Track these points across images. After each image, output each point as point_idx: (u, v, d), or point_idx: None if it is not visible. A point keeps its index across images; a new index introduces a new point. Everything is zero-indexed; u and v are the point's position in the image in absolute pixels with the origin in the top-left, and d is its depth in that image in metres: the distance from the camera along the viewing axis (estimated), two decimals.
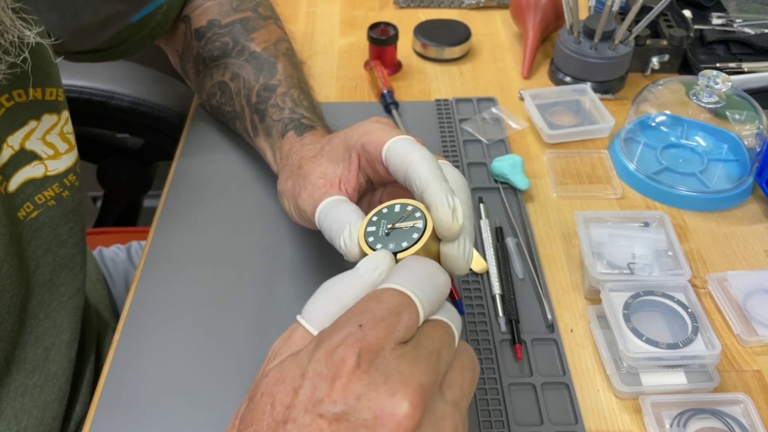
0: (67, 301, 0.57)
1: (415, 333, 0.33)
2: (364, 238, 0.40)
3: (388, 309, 0.32)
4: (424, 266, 0.36)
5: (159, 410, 0.51)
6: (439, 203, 0.38)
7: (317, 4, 0.97)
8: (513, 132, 0.75)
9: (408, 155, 0.41)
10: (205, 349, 0.54)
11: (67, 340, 0.58)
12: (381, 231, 0.39)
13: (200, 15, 0.67)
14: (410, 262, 0.36)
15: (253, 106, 0.62)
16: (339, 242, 0.42)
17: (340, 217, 0.43)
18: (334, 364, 0.31)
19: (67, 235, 0.56)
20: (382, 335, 0.31)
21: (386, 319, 0.32)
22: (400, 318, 0.32)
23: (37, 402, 0.54)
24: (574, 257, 0.62)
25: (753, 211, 0.67)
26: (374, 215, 0.41)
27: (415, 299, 0.33)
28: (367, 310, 0.32)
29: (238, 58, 0.65)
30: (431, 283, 0.35)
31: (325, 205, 0.46)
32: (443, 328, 0.34)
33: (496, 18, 0.94)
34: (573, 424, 0.50)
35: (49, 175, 0.54)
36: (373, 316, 0.32)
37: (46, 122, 0.53)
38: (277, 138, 0.59)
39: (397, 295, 0.33)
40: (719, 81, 0.67)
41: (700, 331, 0.53)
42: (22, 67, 0.47)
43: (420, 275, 0.35)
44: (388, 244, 0.38)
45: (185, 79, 0.73)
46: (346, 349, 0.31)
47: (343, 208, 0.44)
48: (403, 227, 0.39)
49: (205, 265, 0.60)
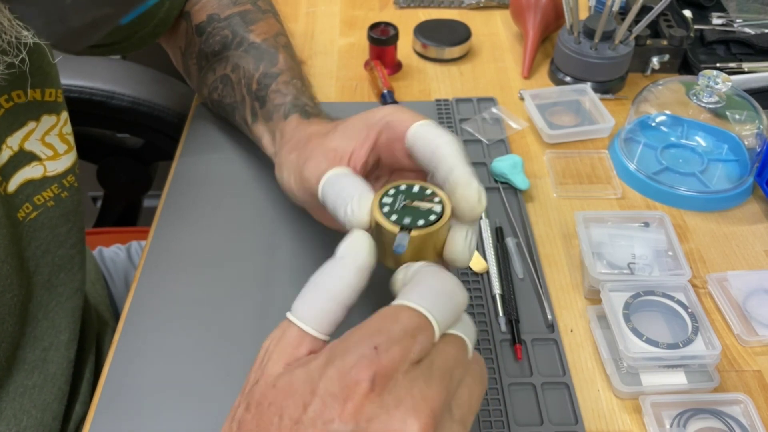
0: (65, 302, 0.57)
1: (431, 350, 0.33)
2: (379, 208, 0.39)
3: (404, 331, 0.32)
4: (443, 282, 0.35)
5: (159, 410, 0.50)
6: (466, 183, 0.39)
7: (317, 4, 0.97)
8: (513, 132, 0.75)
9: (436, 138, 0.42)
10: (205, 349, 0.54)
11: (66, 341, 0.57)
12: (397, 204, 0.39)
13: (200, 10, 0.67)
14: (429, 276, 0.35)
15: (253, 93, 0.61)
16: (345, 209, 0.41)
17: (348, 188, 0.42)
18: (347, 386, 0.30)
19: (65, 236, 0.56)
20: (397, 358, 0.31)
21: (401, 341, 0.31)
22: (416, 340, 0.32)
23: (37, 402, 0.54)
24: (574, 257, 0.62)
25: (753, 211, 0.67)
26: (391, 188, 0.41)
27: (432, 321, 0.33)
28: (383, 330, 0.32)
29: (238, 50, 0.64)
30: (449, 301, 0.34)
31: (332, 175, 0.44)
32: (458, 345, 0.34)
33: (496, 18, 0.94)
34: (573, 424, 0.50)
35: (48, 176, 0.54)
36: (388, 338, 0.31)
37: (45, 123, 0.53)
38: (278, 120, 0.57)
39: (414, 317, 0.33)
40: (719, 81, 0.67)
41: (700, 331, 0.53)
42: (21, 68, 0.47)
43: (439, 293, 0.34)
44: (404, 218, 0.38)
45: (187, 77, 0.73)
46: (359, 372, 0.30)
47: (351, 179, 0.43)
48: (420, 207, 0.39)
49: (205, 265, 0.60)
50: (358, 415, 0.30)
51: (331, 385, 0.30)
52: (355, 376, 0.30)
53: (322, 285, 0.36)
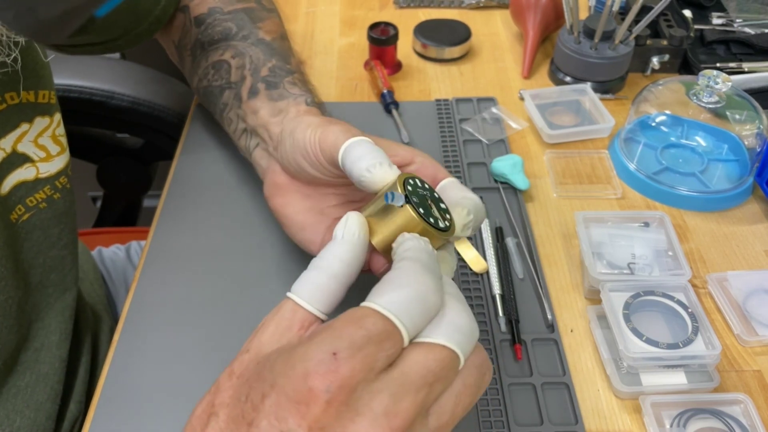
0: (54, 303, 0.57)
1: (403, 360, 0.31)
2: (402, 184, 0.39)
3: (368, 338, 0.30)
4: (415, 285, 0.32)
5: (159, 410, 0.50)
6: (461, 210, 0.41)
7: (317, 4, 0.97)
8: (513, 132, 0.75)
9: (464, 197, 0.43)
10: (205, 349, 0.54)
11: (57, 341, 0.57)
12: (419, 192, 0.39)
13: (200, 4, 0.67)
14: (402, 275, 0.33)
15: (260, 77, 0.60)
16: (368, 166, 0.41)
17: (376, 151, 0.42)
18: (301, 392, 0.29)
19: (57, 237, 0.56)
20: (358, 367, 0.29)
21: (364, 348, 0.29)
22: (381, 347, 0.30)
23: (30, 402, 0.54)
24: (574, 257, 0.62)
25: (753, 211, 0.67)
26: (417, 179, 0.41)
27: (400, 326, 0.31)
28: (344, 336, 0.30)
29: (245, 41, 0.63)
30: (421, 305, 0.32)
31: (363, 139, 0.44)
32: (440, 356, 0.31)
33: (496, 18, 0.94)
34: (573, 424, 0.50)
35: (40, 178, 0.53)
36: (350, 344, 0.29)
37: (38, 125, 0.53)
38: (295, 104, 0.56)
39: (380, 322, 0.30)
40: (719, 81, 0.67)
41: (700, 331, 0.53)
42: (13, 66, 0.47)
43: (410, 296, 0.32)
44: (419, 208, 0.38)
45: (181, 68, 0.72)
46: (315, 380, 0.29)
47: (380, 149, 0.43)
48: (434, 209, 0.39)
49: (204, 265, 0.60)
50: (312, 423, 0.28)
51: (286, 385, 0.29)
52: (309, 384, 0.29)
53: (317, 262, 0.36)
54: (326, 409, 0.28)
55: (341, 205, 0.51)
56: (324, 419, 0.29)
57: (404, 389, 0.30)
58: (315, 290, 0.35)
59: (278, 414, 0.29)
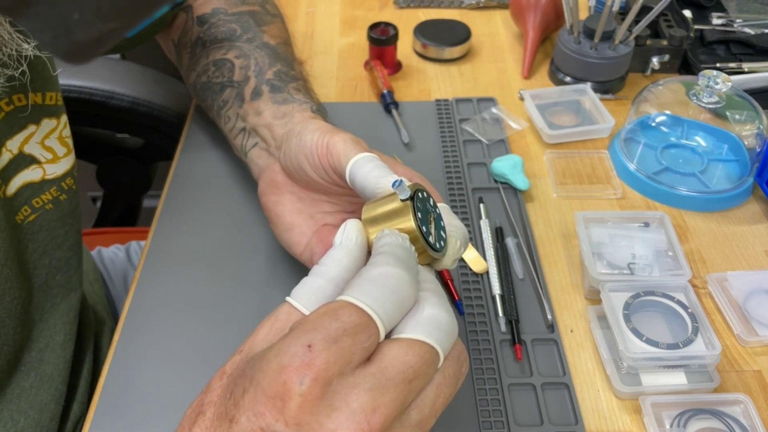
0: (60, 303, 0.57)
1: (382, 356, 0.31)
2: (413, 190, 0.39)
3: (343, 330, 0.30)
4: (390, 278, 0.32)
5: (159, 410, 0.50)
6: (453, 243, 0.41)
7: (317, 4, 0.97)
8: (513, 132, 0.75)
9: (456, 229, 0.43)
10: (205, 349, 0.54)
11: (62, 341, 0.57)
12: (422, 206, 0.39)
13: (204, 4, 0.67)
14: (377, 269, 0.33)
15: (265, 80, 0.60)
16: (383, 174, 0.41)
17: (385, 167, 0.42)
18: (276, 387, 0.29)
19: (63, 238, 0.56)
20: (333, 359, 0.29)
21: (340, 340, 0.29)
22: (357, 339, 0.30)
23: (33, 403, 0.54)
24: (574, 257, 0.62)
25: (753, 211, 0.67)
26: (427, 193, 0.41)
27: (376, 318, 0.31)
28: (319, 327, 0.30)
29: (249, 44, 0.64)
30: (394, 298, 0.32)
31: (374, 156, 0.44)
32: (420, 353, 0.31)
33: (496, 18, 0.94)
34: (573, 424, 0.50)
35: (47, 179, 0.54)
36: (325, 336, 0.29)
37: (45, 126, 0.53)
38: (300, 110, 0.56)
39: (355, 313, 0.30)
40: (719, 81, 0.67)
41: (700, 331, 0.53)
42: (21, 80, 0.47)
43: (385, 288, 0.32)
44: (417, 212, 0.38)
45: (178, 65, 0.72)
46: (290, 374, 0.28)
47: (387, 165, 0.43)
48: (432, 226, 0.39)
49: (204, 265, 0.60)
50: (288, 419, 0.28)
51: (263, 380, 0.29)
52: (284, 377, 0.29)
53: (316, 268, 0.36)
54: (301, 404, 0.28)
55: (332, 213, 0.52)
56: (300, 415, 0.28)
57: (383, 385, 0.30)
58: (312, 294, 0.35)
59: (256, 410, 0.29)
